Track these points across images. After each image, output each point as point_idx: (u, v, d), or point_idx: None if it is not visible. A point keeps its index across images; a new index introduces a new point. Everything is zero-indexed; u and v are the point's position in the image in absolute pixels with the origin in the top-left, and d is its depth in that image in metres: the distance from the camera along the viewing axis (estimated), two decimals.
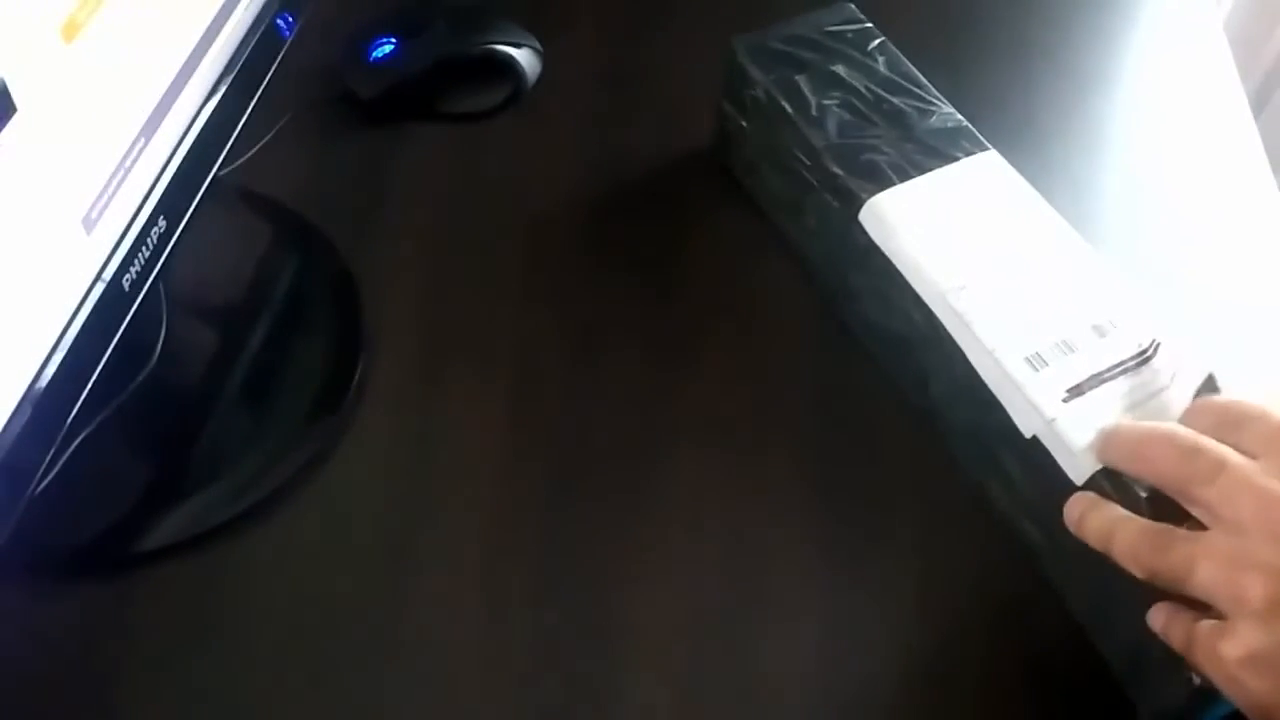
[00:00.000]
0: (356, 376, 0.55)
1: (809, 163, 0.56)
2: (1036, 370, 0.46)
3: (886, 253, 0.52)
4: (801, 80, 0.57)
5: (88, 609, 0.49)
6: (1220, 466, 0.38)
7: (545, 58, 0.69)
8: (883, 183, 0.53)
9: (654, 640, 0.48)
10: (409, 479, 0.53)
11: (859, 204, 0.53)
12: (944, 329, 0.49)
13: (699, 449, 0.54)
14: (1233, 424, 0.40)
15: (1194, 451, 0.40)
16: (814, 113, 0.56)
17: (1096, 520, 0.42)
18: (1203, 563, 0.38)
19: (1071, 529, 0.43)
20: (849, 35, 0.60)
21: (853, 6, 0.61)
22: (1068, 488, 0.44)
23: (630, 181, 0.64)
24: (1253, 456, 0.39)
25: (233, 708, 0.47)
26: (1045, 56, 0.70)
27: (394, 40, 0.67)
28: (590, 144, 0.65)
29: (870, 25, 0.60)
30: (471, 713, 0.47)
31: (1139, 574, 0.40)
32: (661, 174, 0.64)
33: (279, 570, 0.50)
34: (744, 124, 0.60)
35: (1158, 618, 0.41)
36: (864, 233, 0.52)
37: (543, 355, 0.57)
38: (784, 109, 0.56)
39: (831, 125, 0.55)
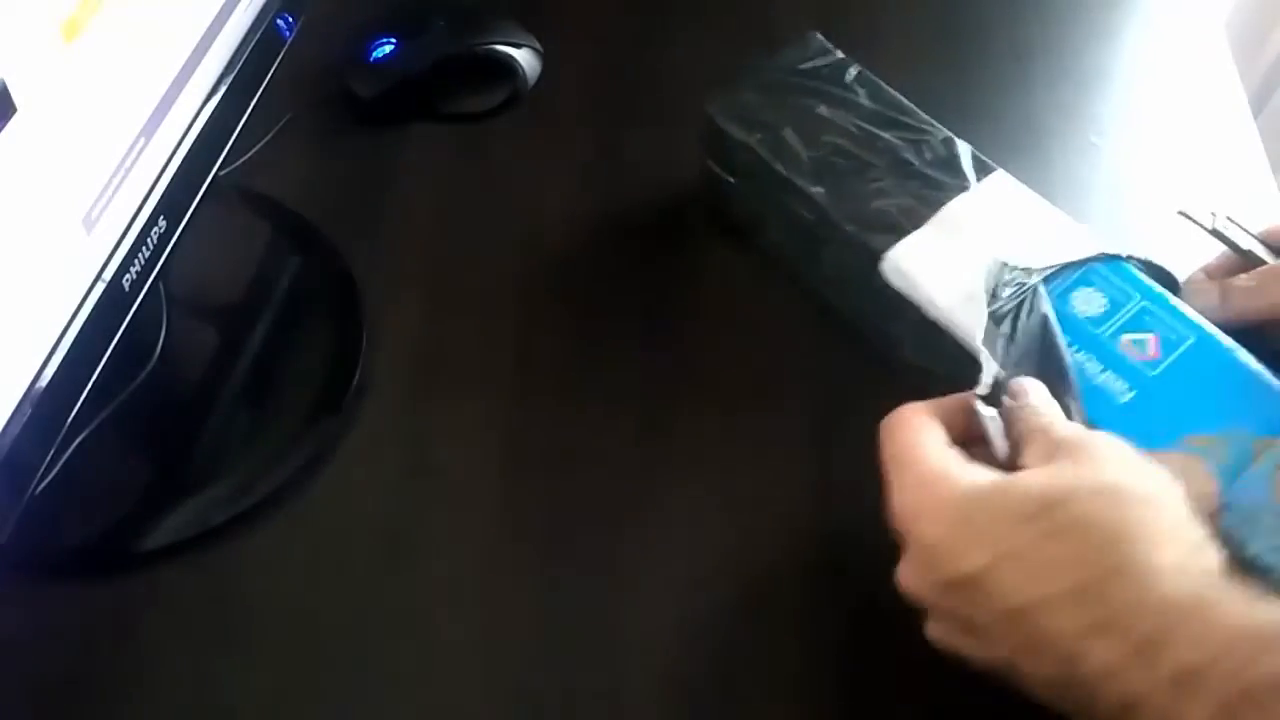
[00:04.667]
0: (357, 376, 0.55)
1: (815, 219, 0.53)
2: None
3: (917, 304, 0.50)
4: (787, 134, 0.54)
5: (88, 609, 0.49)
6: None
7: (545, 58, 0.69)
8: (898, 232, 0.51)
9: (654, 643, 0.48)
10: (409, 479, 0.53)
11: (878, 259, 0.50)
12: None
13: (700, 448, 0.54)
14: None
15: None
16: (808, 166, 0.53)
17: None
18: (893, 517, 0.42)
19: None
20: (824, 70, 0.57)
21: (820, 36, 0.59)
22: None
23: (630, 183, 0.64)
24: None
25: (233, 708, 0.47)
26: (1045, 57, 0.70)
27: (394, 40, 0.67)
28: (590, 145, 0.65)
29: (843, 56, 0.58)
30: (471, 713, 0.47)
31: None
32: (661, 176, 0.64)
33: (279, 570, 0.50)
34: (735, 183, 0.58)
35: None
36: (890, 285, 0.51)
37: (543, 355, 0.57)
38: (777, 170, 0.54)
39: (829, 176, 0.53)
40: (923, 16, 0.72)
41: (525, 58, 0.68)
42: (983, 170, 0.53)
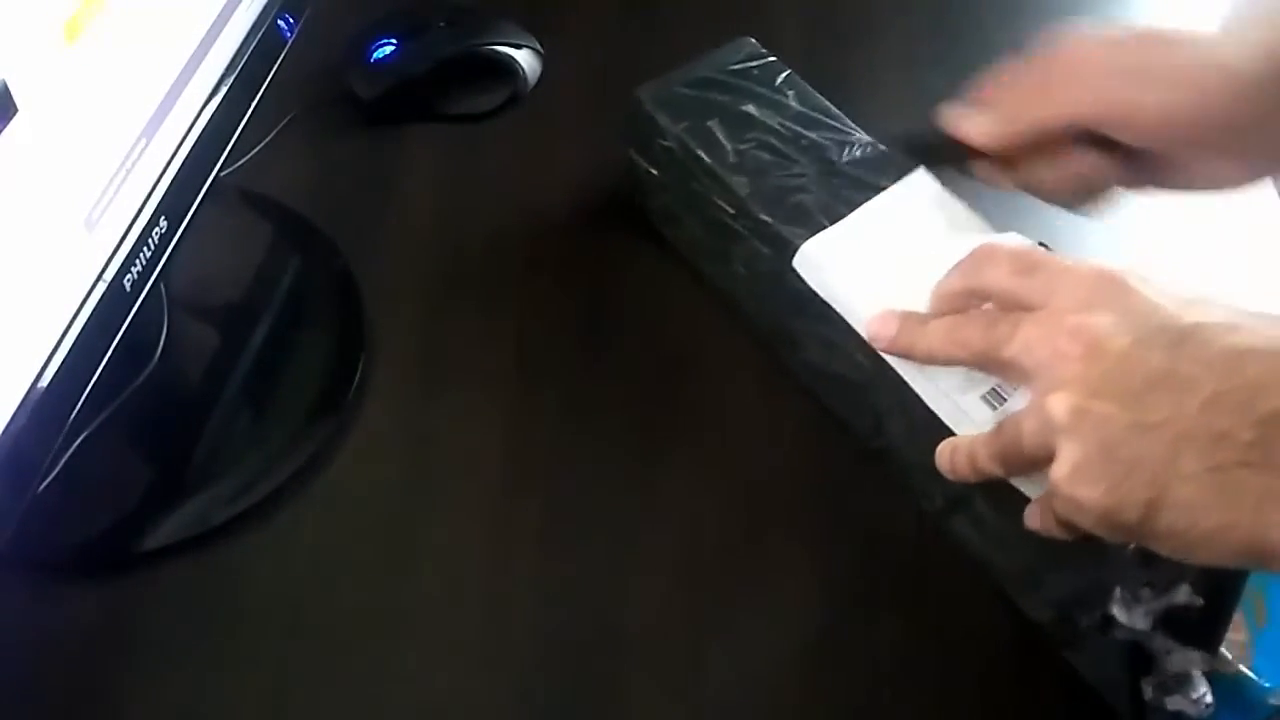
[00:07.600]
0: (357, 376, 0.56)
1: (734, 211, 0.53)
2: (995, 408, 0.44)
3: (826, 299, 0.49)
4: (714, 126, 0.55)
5: (89, 608, 0.49)
6: (1016, 324, 0.41)
7: (545, 59, 0.69)
8: (813, 226, 0.51)
9: (654, 642, 0.49)
10: (409, 478, 0.53)
11: (792, 251, 0.50)
12: (894, 372, 0.47)
13: (704, 451, 0.54)
14: (1026, 269, 0.42)
15: (993, 321, 0.43)
16: (732, 159, 0.54)
17: (960, 458, 0.44)
18: (1025, 420, 0.41)
19: (949, 474, 0.45)
20: (754, 72, 0.58)
21: (753, 41, 0.59)
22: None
23: (630, 184, 0.64)
24: (1040, 302, 0.41)
25: (233, 707, 0.47)
26: None
27: (394, 41, 0.67)
28: (589, 145, 0.66)
29: (774, 59, 0.58)
30: (472, 713, 0.47)
31: (997, 467, 0.43)
32: None
33: (280, 570, 0.51)
34: (656, 174, 0.58)
35: (1032, 517, 0.43)
36: (800, 280, 0.50)
37: (542, 355, 0.57)
38: (701, 158, 0.54)
39: (752, 169, 0.53)
40: (921, 15, 0.72)
41: (525, 58, 0.68)
42: (904, 171, 0.53)
